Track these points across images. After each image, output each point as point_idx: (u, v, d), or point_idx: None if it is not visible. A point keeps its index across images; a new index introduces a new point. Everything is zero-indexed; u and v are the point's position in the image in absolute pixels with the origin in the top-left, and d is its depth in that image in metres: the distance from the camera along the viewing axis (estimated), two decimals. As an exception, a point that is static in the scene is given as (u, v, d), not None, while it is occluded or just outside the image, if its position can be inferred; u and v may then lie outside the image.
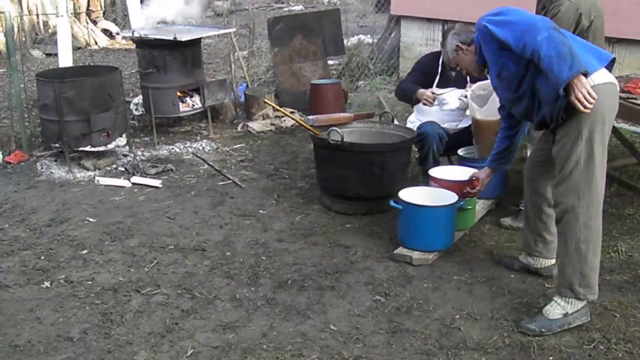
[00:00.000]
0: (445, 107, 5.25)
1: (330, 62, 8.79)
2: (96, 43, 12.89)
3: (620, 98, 4.91)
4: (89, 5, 13.47)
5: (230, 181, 5.73)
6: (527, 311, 3.73)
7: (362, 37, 10.09)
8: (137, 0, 7.64)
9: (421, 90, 5.21)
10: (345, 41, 8.84)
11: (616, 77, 5.76)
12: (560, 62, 3.22)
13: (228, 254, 4.47)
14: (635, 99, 4.89)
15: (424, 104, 5.20)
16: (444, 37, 5.19)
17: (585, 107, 3.25)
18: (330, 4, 15.90)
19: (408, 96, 5.36)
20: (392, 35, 9.48)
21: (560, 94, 3.28)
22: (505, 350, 3.42)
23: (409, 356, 3.39)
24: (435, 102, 5.25)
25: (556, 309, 3.57)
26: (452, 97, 5.26)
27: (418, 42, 8.69)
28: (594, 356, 3.36)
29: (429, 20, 8.28)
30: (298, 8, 15.87)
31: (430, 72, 5.34)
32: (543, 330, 3.51)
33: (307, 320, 3.70)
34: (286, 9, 15.81)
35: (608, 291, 3.94)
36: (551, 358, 3.35)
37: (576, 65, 3.21)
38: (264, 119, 7.31)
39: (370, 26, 10.94)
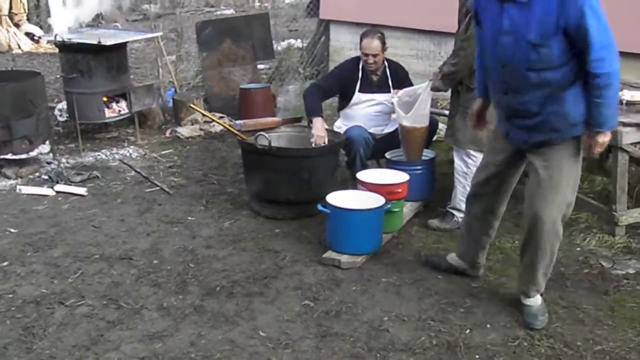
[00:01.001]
0: None
1: (260, 66, 8.76)
2: (19, 47, 12.51)
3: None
4: (11, 8, 13.07)
5: (158, 188, 5.64)
6: (453, 311, 3.80)
7: (292, 41, 10.09)
8: (59, 3, 7.46)
9: (316, 132, 5.09)
10: (275, 45, 8.83)
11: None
12: (614, 106, 3.26)
13: (155, 262, 4.40)
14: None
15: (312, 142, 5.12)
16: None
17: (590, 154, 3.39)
18: (262, 8, 15.86)
19: (306, 111, 5.31)
20: (322, 39, 9.52)
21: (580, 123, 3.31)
22: (432, 350, 3.46)
23: (338, 359, 3.40)
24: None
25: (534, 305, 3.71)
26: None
27: (347, 46, 8.74)
28: (518, 353, 3.45)
29: (358, 24, 8.34)
30: (229, 12, 15.76)
31: (351, 78, 5.36)
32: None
33: (236, 327, 3.67)
34: (217, 13, 15.68)
35: (531, 289, 4.04)
36: (477, 356, 3.41)
37: (616, 119, 3.31)
38: (192, 124, 7.23)
39: (300, 30, 10.96)
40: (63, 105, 7.21)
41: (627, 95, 4.90)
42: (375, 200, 4.36)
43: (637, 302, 3.89)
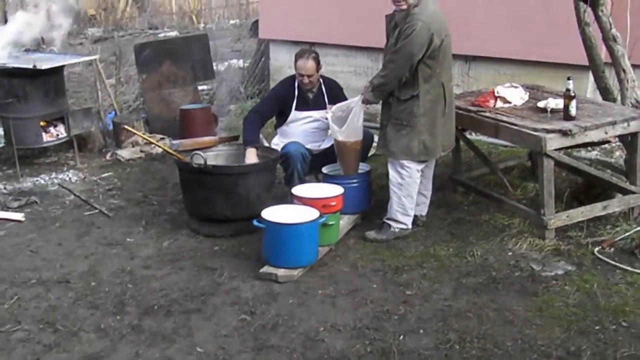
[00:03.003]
0: None
1: (201, 87, 8.79)
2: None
3: (471, 111, 5.25)
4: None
5: (97, 211, 5.62)
6: (387, 318, 3.88)
7: (232, 61, 10.15)
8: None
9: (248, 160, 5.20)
10: (216, 66, 8.86)
11: (468, 92, 6.16)
12: None
13: (93, 284, 4.39)
14: (484, 111, 5.20)
15: None
16: None
17: None
18: (206, 29, 15.87)
19: (242, 140, 5.38)
20: (262, 58, 9.60)
21: None
22: (367, 357, 3.54)
23: (274, 372, 3.45)
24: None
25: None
26: None
27: (287, 64, 8.80)
28: (450, 356, 3.55)
29: (296, 43, 8.44)
30: (173, 34, 15.72)
31: (287, 96, 5.45)
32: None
33: (174, 345, 3.69)
34: (161, 35, 15.63)
35: (464, 294, 4.17)
36: (410, 361, 3.50)
37: None
38: (133, 147, 7.21)
39: (242, 51, 11.03)
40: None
41: (552, 103, 5.10)
42: (309, 214, 4.43)
43: (564, 301, 4.04)
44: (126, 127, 6.23)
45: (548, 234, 4.81)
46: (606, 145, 6.77)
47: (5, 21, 7.66)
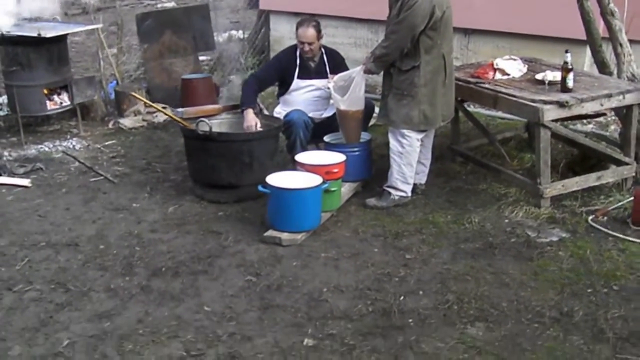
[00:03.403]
0: None
1: (201, 57, 8.85)
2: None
3: (470, 83, 5.35)
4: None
5: (102, 177, 5.73)
6: (388, 280, 4.03)
7: (233, 32, 10.18)
8: None
9: (246, 122, 5.29)
10: (216, 36, 8.91)
11: (468, 64, 6.25)
12: None
13: (102, 247, 4.52)
14: (483, 83, 5.30)
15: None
16: None
17: None
18: (203, 0, 15.83)
19: (240, 102, 5.48)
20: (263, 29, 9.65)
21: None
22: (369, 316, 3.69)
23: (280, 329, 3.59)
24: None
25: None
26: None
27: (287, 35, 8.87)
28: (448, 315, 3.70)
29: (297, 14, 8.48)
30: (170, 5, 15.69)
31: (289, 65, 5.55)
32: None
33: (182, 304, 3.83)
34: (159, 6, 15.59)
35: (462, 258, 4.32)
36: (410, 319, 3.66)
37: None
38: (135, 115, 7.29)
39: (242, 22, 11.07)
40: (3, 99, 7.20)
41: (550, 75, 5.20)
42: (312, 180, 4.56)
43: (558, 266, 4.19)
44: (133, 93, 6.30)
45: (543, 203, 4.95)
46: (602, 119, 6.89)
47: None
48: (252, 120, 5.28)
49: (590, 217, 4.79)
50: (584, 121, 6.83)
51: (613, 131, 6.47)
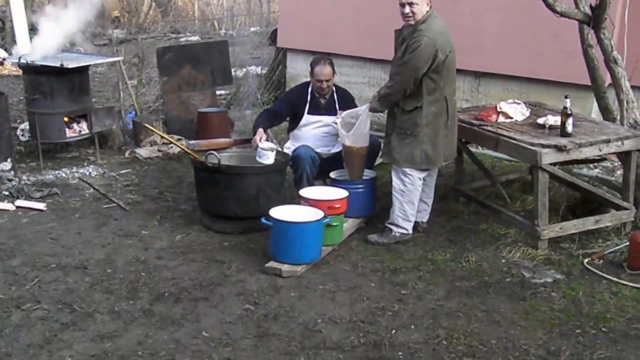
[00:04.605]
0: (264, 160, 5.33)
1: (219, 92, 9.10)
2: (-17, 69, 12.69)
3: (474, 125, 5.50)
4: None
5: (114, 204, 5.92)
6: (382, 314, 4.14)
7: (250, 68, 10.46)
8: (24, 26, 7.73)
9: (254, 137, 5.50)
10: (235, 72, 9.16)
11: (473, 107, 6.40)
12: None
13: (109, 271, 4.68)
14: (486, 125, 5.45)
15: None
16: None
17: None
18: (226, 36, 16.19)
19: (252, 129, 5.70)
20: (280, 67, 9.91)
21: None
22: (360, 348, 3.80)
23: (274, 357, 3.72)
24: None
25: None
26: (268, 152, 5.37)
27: (303, 73, 9.10)
28: (437, 350, 3.80)
29: (313, 52, 8.73)
30: (194, 38, 16.08)
31: (300, 101, 5.76)
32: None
33: (181, 329, 3.97)
34: (183, 39, 15.99)
35: (456, 295, 4.41)
36: (400, 353, 3.76)
37: None
38: (151, 146, 7.52)
39: (262, 58, 11.36)
40: (25, 125, 7.46)
41: (551, 120, 5.34)
42: (314, 215, 4.71)
43: (550, 306, 4.28)
44: (147, 125, 6.53)
45: (541, 244, 5.05)
46: (608, 164, 7.01)
47: (32, 27, 8.00)
48: (258, 135, 5.47)
49: (586, 260, 4.88)
50: (591, 166, 6.96)
51: (619, 176, 6.56)
